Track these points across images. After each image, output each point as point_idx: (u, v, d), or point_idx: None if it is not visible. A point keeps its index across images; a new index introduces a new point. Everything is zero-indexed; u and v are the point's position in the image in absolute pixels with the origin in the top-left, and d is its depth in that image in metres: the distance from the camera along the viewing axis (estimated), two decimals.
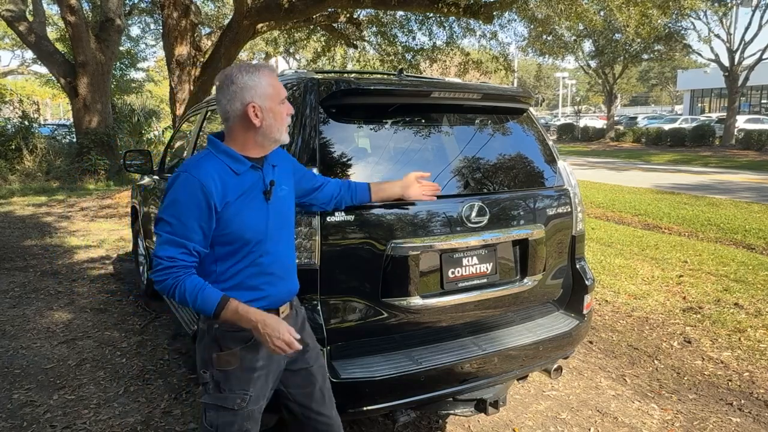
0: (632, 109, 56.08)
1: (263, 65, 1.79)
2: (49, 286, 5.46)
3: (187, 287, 1.64)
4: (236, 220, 1.70)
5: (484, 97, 2.60)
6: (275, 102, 1.76)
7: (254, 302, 1.74)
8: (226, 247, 1.73)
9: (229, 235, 1.71)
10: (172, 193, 1.68)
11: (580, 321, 2.73)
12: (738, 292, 5.06)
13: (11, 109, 17.40)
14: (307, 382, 1.93)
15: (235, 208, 1.70)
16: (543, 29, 11.76)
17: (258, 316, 1.67)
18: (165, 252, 1.65)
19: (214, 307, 1.64)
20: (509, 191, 2.59)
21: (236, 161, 1.74)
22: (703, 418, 3.08)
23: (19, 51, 30.76)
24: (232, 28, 9.32)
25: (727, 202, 10.40)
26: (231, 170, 1.72)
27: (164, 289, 1.66)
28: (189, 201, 1.65)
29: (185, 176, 1.67)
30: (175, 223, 1.65)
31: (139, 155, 4.71)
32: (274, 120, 1.75)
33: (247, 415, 1.78)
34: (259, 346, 1.76)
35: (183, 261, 1.65)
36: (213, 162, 1.72)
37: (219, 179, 1.68)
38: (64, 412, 3.08)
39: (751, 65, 24.80)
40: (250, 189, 1.75)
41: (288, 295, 1.87)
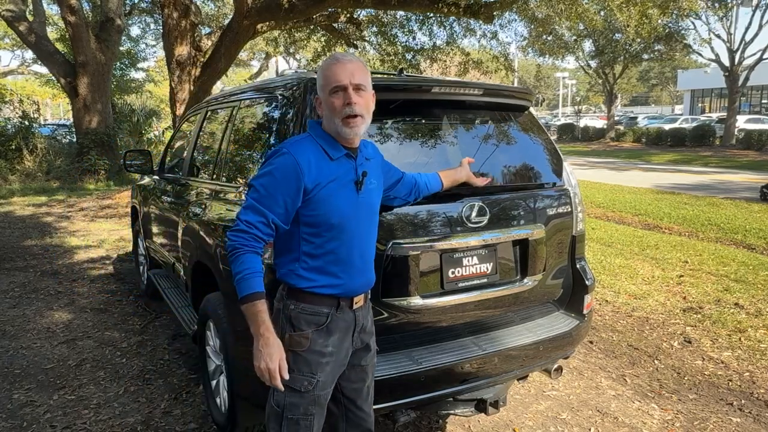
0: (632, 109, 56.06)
1: (332, 55, 1.81)
2: (49, 286, 5.46)
3: (242, 260, 1.69)
4: (325, 203, 1.74)
5: (485, 93, 2.58)
6: (325, 92, 1.77)
7: (330, 288, 1.79)
8: (312, 228, 1.77)
9: (317, 217, 1.75)
10: (268, 165, 1.75)
11: (580, 321, 2.72)
12: (738, 292, 5.06)
13: (11, 109, 17.39)
14: (359, 378, 1.96)
15: (327, 191, 1.75)
16: (543, 29, 11.76)
17: (267, 333, 1.69)
18: (245, 216, 1.72)
19: (244, 294, 1.68)
20: (510, 191, 2.59)
21: (332, 146, 1.79)
22: (704, 418, 3.07)
23: (19, 51, 30.78)
24: (232, 28, 9.32)
25: (728, 202, 10.40)
26: (326, 154, 1.77)
27: (228, 248, 1.72)
28: (281, 175, 1.71)
29: (284, 152, 1.74)
30: (263, 192, 1.72)
31: (139, 155, 4.71)
32: (328, 111, 1.77)
33: (314, 400, 1.81)
34: (331, 332, 1.81)
35: (258, 230, 1.71)
36: (311, 144, 1.78)
37: (314, 161, 1.74)
38: (65, 412, 3.08)
39: (752, 65, 24.80)
40: (342, 176, 1.78)
41: (363, 287, 1.89)
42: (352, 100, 1.74)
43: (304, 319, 1.79)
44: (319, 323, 1.80)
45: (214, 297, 2.72)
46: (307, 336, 1.78)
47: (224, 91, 3.73)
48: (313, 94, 2.30)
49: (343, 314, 1.83)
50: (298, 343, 1.78)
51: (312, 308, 1.79)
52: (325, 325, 1.80)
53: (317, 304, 1.80)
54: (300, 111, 2.29)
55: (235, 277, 1.70)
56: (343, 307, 1.83)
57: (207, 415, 2.98)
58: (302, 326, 1.79)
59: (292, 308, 1.80)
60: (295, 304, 1.80)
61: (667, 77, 49.63)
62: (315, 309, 1.80)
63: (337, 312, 1.82)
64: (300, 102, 2.31)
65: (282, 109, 2.46)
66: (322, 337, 1.80)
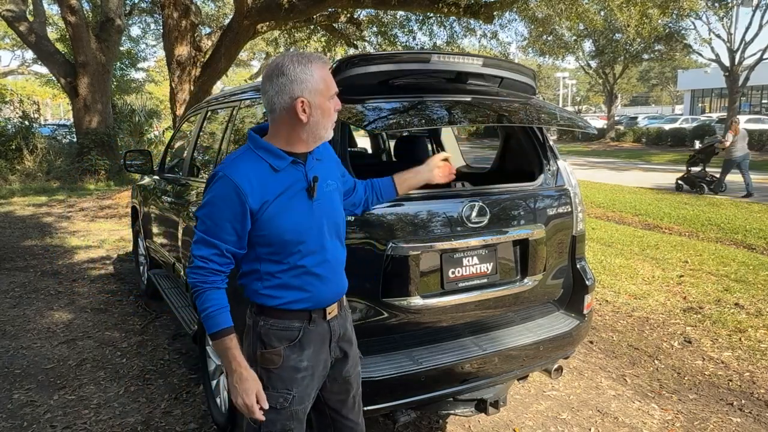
0: (632, 109, 56.07)
1: (316, 56, 1.69)
2: (49, 286, 5.46)
3: (205, 298, 1.63)
4: (275, 220, 1.65)
5: (486, 64, 2.54)
6: (325, 98, 1.66)
7: (298, 302, 1.71)
8: (267, 248, 1.68)
9: (268, 237, 1.66)
10: (208, 193, 1.67)
11: (580, 321, 2.72)
12: (738, 292, 5.06)
13: (11, 109, 17.39)
14: (342, 390, 1.89)
15: (275, 208, 1.64)
16: (543, 29, 11.77)
17: (239, 368, 1.63)
18: (199, 251, 1.65)
19: (212, 332, 1.63)
20: (510, 191, 2.59)
21: (276, 157, 1.67)
22: (704, 418, 3.07)
23: (20, 51, 30.78)
24: (233, 28, 9.32)
25: (728, 202, 10.39)
26: (270, 167, 1.66)
27: (191, 286, 1.66)
28: (222, 202, 1.62)
29: (221, 176, 1.64)
30: (209, 223, 1.64)
31: (140, 155, 4.72)
32: (321, 116, 1.66)
33: (291, 415, 1.75)
34: (304, 346, 1.73)
35: (215, 263, 1.64)
36: (250, 160, 1.67)
37: (256, 179, 1.63)
38: (65, 413, 3.08)
39: (752, 65, 24.77)
40: (291, 186, 1.67)
41: (335, 296, 1.80)
42: (339, 106, 1.71)
43: (275, 335, 1.71)
44: (291, 338, 1.71)
45: None
46: (279, 353, 1.71)
47: (224, 91, 3.73)
48: None
49: (316, 327, 1.75)
50: (270, 360, 1.71)
51: (282, 323, 1.71)
52: (298, 339, 1.72)
53: (288, 319, 1.72)
54: None
55: (202, 314, 1.64)
56: (316, 320, 1.75)
57: (207, 415, 2.99)
58: (273, 343, 1.71)
59: (262, 324, 1.72)
60: (265, 320, 1.72)
61: (667, 77, 49.60)
62: (285, 324, 1.71)
63: (310, 325, 1.74)
64: None
65: None
66: (295, 352, 1.72)
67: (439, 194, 2.38)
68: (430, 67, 2.41)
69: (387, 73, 2.38)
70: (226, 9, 16.55)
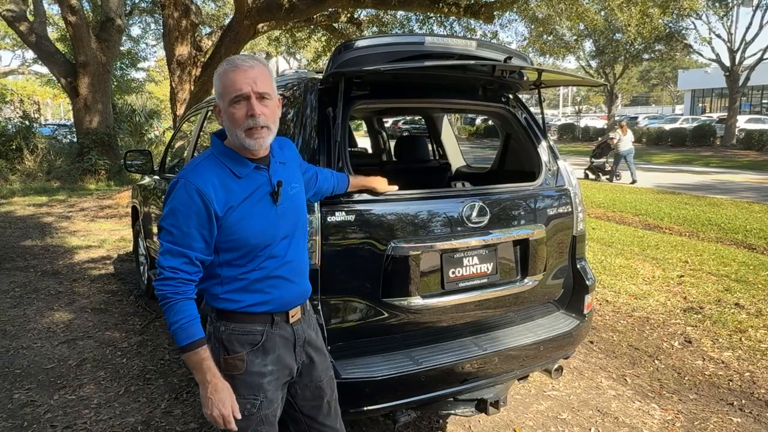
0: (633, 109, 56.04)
1: (230, 60, 1.63)
2: (49, 286, 5.46)
3: (176, 309, 1.58)
4: (240, 226, 1.62)
5: (480, 46, 2.50)
6: (224, 101, 1.61)
7: (260, 305, 1.68)
8: (231, 253, 1.65)
9: (234, 242, 1.63)
10: (171, 201, 1.61)
11: (580, 321, 2.72)
12: (739, 292, 5.06)
13: (12, 109, 17.40)
14: (316, 395, 1.87)
15: (239, 213, 1.61)
16: (543, 29, 11.76)
17: (215, 379, 1.59)
18: (167, 262, 1.59)
19: (184, 344, 1.58)
20: (510, 191, 2.59)
21: (238, 163, 1.64)
22: (704, 418, 3.07)
23: (20, 51, 30.80)
24: (233, 27, 9.32)
25: (728, 202, 10.39)
26: (232, 173, 1.63)
27: (160, 298, 1.61)
28: (187, 209, 1.57)
29: (183, 183, 1.59)
30: (176, 232, 1.58)
31: (140, 155, 4.71)
32: (228, 122, 1.62)
33: (261, 420, 1.71)
34: (268, 351, 1.70)
35: (185, 273, 1.59)
36: (213, 165, 1.63)
37: (219, 183, 1.60)
38: (65, 412, 3.08)
39: (752, 65, 24.79)
40: (255, 192, 1.65)
41: (298, 299, 1.78)
42: (255, 110, 1.58)
43: (237, 339, 1.67)
44: (254, 342, 1.68)
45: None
46: (242, 358, 1.67)
47: None
48: (313, 93, 2.31)
49: (279, 330, 1.72)
50: (233, 366, 1.67)
51: (244, 327, 1.67)
52: (261, 343, 1.68)
53: (249, 323, 1.68)
54: (300, 111, 2.30)
55: (171, 327, 1.58)
56: (279, 323, 1.71)
57: None
58: (236, 348, 1.67)
59: (223, 330, 1.68)
60: (226, 325, 1.68)
61: (667, 77, 49.58)
62: (248, 328, 1.68)
63: (273, 328, 1.70)
64: (300, 102, 2.31)
65: (282, 109, 2.46)
66: (259, 356, 1.69)
67: (439, 194, 2.38)
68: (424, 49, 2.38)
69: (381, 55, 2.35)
70: (226, 9, 16.55)
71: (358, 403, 2.19)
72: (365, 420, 2.91)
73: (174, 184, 1.62)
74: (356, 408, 2.20)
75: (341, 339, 2.21)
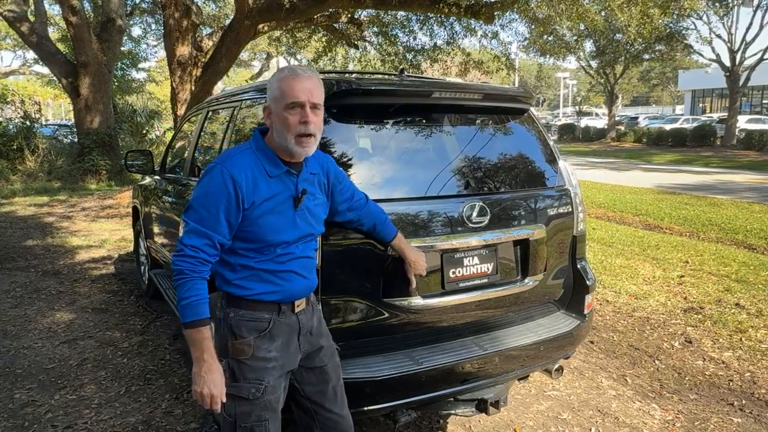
0: (633, 109, 56.01)
1: (288, 68, 1.75)
2: (50, 286, 5.46)
3: (189, 287, 1.66)
4: (260, 222, 1.71)
5: (485, 98, 2.60)
6: (279, 105, 1.71)
7: (268, 294, 1.76)
8: (247, 243, 1.74)
9: (251, 234, 1.72)
10: (205, 183, 1.70)
11: (581, 321, 2.72)
12: (739, 292, 5.06)
13: (13, 109, 17.41)
14: (321, 380, 1.93)
15: (261, 210, 1.71)
16: (544, 29, 11.75)
17: (210, 359, 1.66)
18: (190, 240, 1.67)
19: (189, 320, 1.65)
20: (510, 191, 2.59)
21: (272, 163, 1.74)
22: (704, 418, 3.07)
23: (21, 51, 30.84)
24: (234, 28, 9.32)
25: (729, 203, 10.39)
26: (265, 171, 1.73)
27: (176, 273, 1.68)
28: (219, 193, 1.66)
29: (219, 168, 1.69)
30: (204, 213, 1.67)
31: (141, 155, 4.72)
32: (280, 125, 1.71)
33: (264, 405, 1.78)
34: (274, 337, 1.78)
35: (204, 254, 1.67)
36: (249, 158, 1.74)
37: (251, 177, 1.70)
38: (66, 412, 3.08)
39: (753, 65, 24.78)
40: (280, 193, 1.74)
41: (304, 292, 1.86)
42: (309, 119, 1.69)
43: (245, 326, 1.76)
44: (261, 329, 1.77)
45: (215, 297, 2.72)
46: (249, 343, 1.75)
47: (225, 91, 3.74)
48: None
49: (285, 318, 1.81)
50: (240, 350, 1.75)
51: (252, 314, 1.76)
52: (267, 330, 1.77)
53: (257, 310, 1.77)
54: None
55: (180, 302, 1.67)
56: (285, 311, 1.80)
57: (208, 414, 2.99)
58: (243, 333, 1.76)
59: (232, 316, 1.77)
60: (235, 311, 1.77)
61: (668, 77, 49.56)
62: (255, 315, 1.77)
63: (279, 316, 1.79)
64: None
65: None
66: (265, 342, 1.77)
67: (439, 194, 2.39)
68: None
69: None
70: (227, 9, 16.54)
71: (359, 403, 2.19)
72: (365, 420, 2.91)
73: (210, 168, 1.72)
74: (357, 408, 2.20)
75: (342, 339, 2.21)
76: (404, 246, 2.15)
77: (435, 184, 2.39)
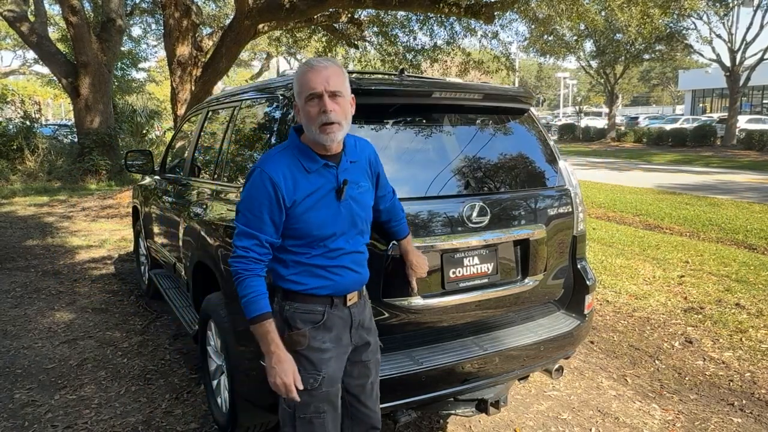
0: (633, 109, 56.02)
1: (307, 61, 1.78)
2: (50, 286, 5.46)
3: (246, 284, 1.74)
4: (304, 218, 1.76)
5: (486, 98, 2.60)
6: (300, 99, 1.75)
7: (320, 289, 1.82)
8: (296, 240, 1.79)
9: (297, 230, 1.77)
10: (247, 187, 1.78)
11: (581, 321, 2.72)
12: (739, 292, 5.06)
13: (13, 109, 17.42)
14: (362, 374, 1.97)
15: (304, 206, 1.75)
16: (544, 29, 11.75)
17: (278, 350, 1.73)
18: (240, 242, 1.76)
19: (252, 315, 1.72)
20: (510, 191, 2.59)
21: (309, 159, 1.78)
22: (705, 418, 3.07)
23: (21, 51, 30.84)
24: (234, 28, 9.32)
25: (729, 203, 10.39)
26: (303, 167, 1.77)
27: (233, 274, 1.76)
28: (260, 196, 1.73)
29: (258, 171, 1.75)
30: (249, 216, 1.75)
31: (141, 155, 4.72)
32: (305, 119, 1.75)
33: (323, 397, 1.82)
34: (329, 329, 1.83)
35: (254, 253, 1.75)
36: (287, 157, 1.78)
37: (290, 175, 1.74)
38: (66, 412, 3.08)
39: (753, 65, 24.78)
40: (321, 187, 1.78)
41: (356, 285, 1.90)
42: (327, 107, 1.70)
43: (300, 318, 1.82)
44: (316, 321, 1.82)
45: (215, 297, 2.73)
46: (305, 334, 1.81)
47: (225, 91, 3.74)
48: None
49: (338, 311, 1.85)
50: (297, 342, 1.80)
51: (306, 307, 1.82)
52: (322, 322, 1.82)
53: (311, 303, 1.83)
54: None
55: (242, 300, 1.74)
56: (337, 304, 1.85)
57: (208, 414, 2.99)
58: (298, 324, 1.82)
59: (287, 308, 1.83)
60: (290, 304, 1.83)
61: (668, 77, 49.58)
62: (309, 308, 1.82)
63: (332, 309, 1.84)
64: None
65: (283, 109, 2.47)
66: (320, 333, 1.83)
67: (440, 194, 2.39)
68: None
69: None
70: (227, 9, 16.54)
71: None
72: None
73: (251, 172, 1.79)
74: None
75: None
76: (410, 249, 2.17)
77: (435, 184, 2.39)
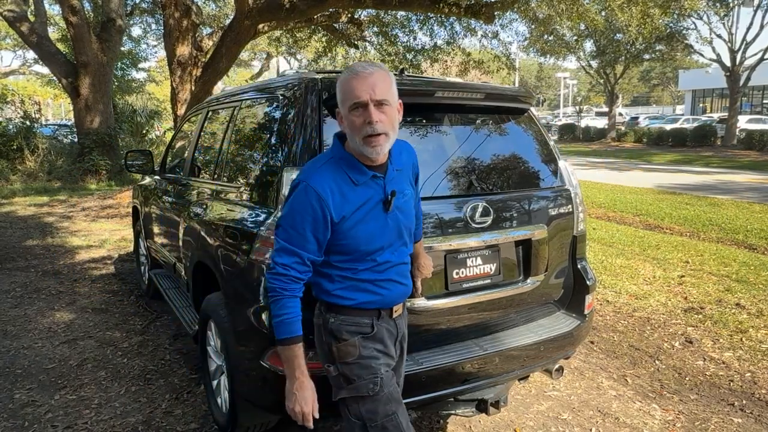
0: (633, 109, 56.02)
1: (351, 67, 1.68)
2: (50, 286, 5.46)
3: (281, 305, 1.67)
4: (352, 233, 1.69)
5: (486, 97, 2.60)
6: (344, 108, 1.65)
7: (368, 303, 1.76)
8: (343, 255, 1.72)
9: (345, 246, 1.70)
10: (291, 202, 1.68)
11: (581, 321, 2.72)
12: (739, 292, 5.05)
13: (13, 109, 17.41)
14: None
15: (352, 221, 1.68)
16: (544, 29, 11.75)
17: (302, 377, 1.68)
18: (280, 259, 1.67)
19: (282, 337, 1.66)
20: (511, 191, 2.59)
21: (356, 170, 1.69)
22: (705, 418, 3.07)
23: (21, 51, 30.82)
24: (234, 28, 9.32)
25: (729, 203, 10.39)
26: (350, 180, 1.68)
27: (270, 291, 1.69)
28: (305, 212, 1.64)
29: (303, 186, 1.65)
30: (292, 232, 1.66)
31: (141, 155, 4.72)
32: (349, 128, 1.66)
33: (387, 398, 1.75)
34: (379, 340, 1.78)
35: (295, 271, 1.67)
36: (333, 170, 1.68)
37: (337, 189, 1.66)
38: (66, 412, 3.08)
39: (753, 65, 24.77)
40: (369, 200, 1.70)
41: (401, 297, 1.86)
42: (373, 118, 1.60)
43: (346, 329, 1.75)
44: (364, 333, 1.76)
45: (215, 297, 2.72)
46: (354, 344, 1.74)
47: (225, 91, 3.73)
48: (314, 93, 2.31)
49: (384, 323, 1.81)
50: (347, 353, 1.74)
51: (353, 320, 1.76)
52: (371, 334, 1.77)
53: (358, 316, 1.77)
54: (301, 111, 2.30)
55: (275, 319, 1.68)
56: (384, 317, 1.81)
57: (208, 415, 2.99)
58: (345, 336, 1.75)
59: (332, 321, 1.76)
60: (335, 317, 1.76)
61: (668, 77, 49.57)
62: (356, 320, 1.76)
63: (379, 321, 1.79)
64: (301, 102, 2.31)
65: (283, 109, 2.46)
66: (368, 341, 1.77)
67: (443, 195, 2.38)
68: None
69: None
70: (227, 9, 16.54)
71: None
72: None
73: (295, 186, 1.69)
74: None
75: None
76: (421, 251, 2.14)
77: (437, 184, 2.39)
